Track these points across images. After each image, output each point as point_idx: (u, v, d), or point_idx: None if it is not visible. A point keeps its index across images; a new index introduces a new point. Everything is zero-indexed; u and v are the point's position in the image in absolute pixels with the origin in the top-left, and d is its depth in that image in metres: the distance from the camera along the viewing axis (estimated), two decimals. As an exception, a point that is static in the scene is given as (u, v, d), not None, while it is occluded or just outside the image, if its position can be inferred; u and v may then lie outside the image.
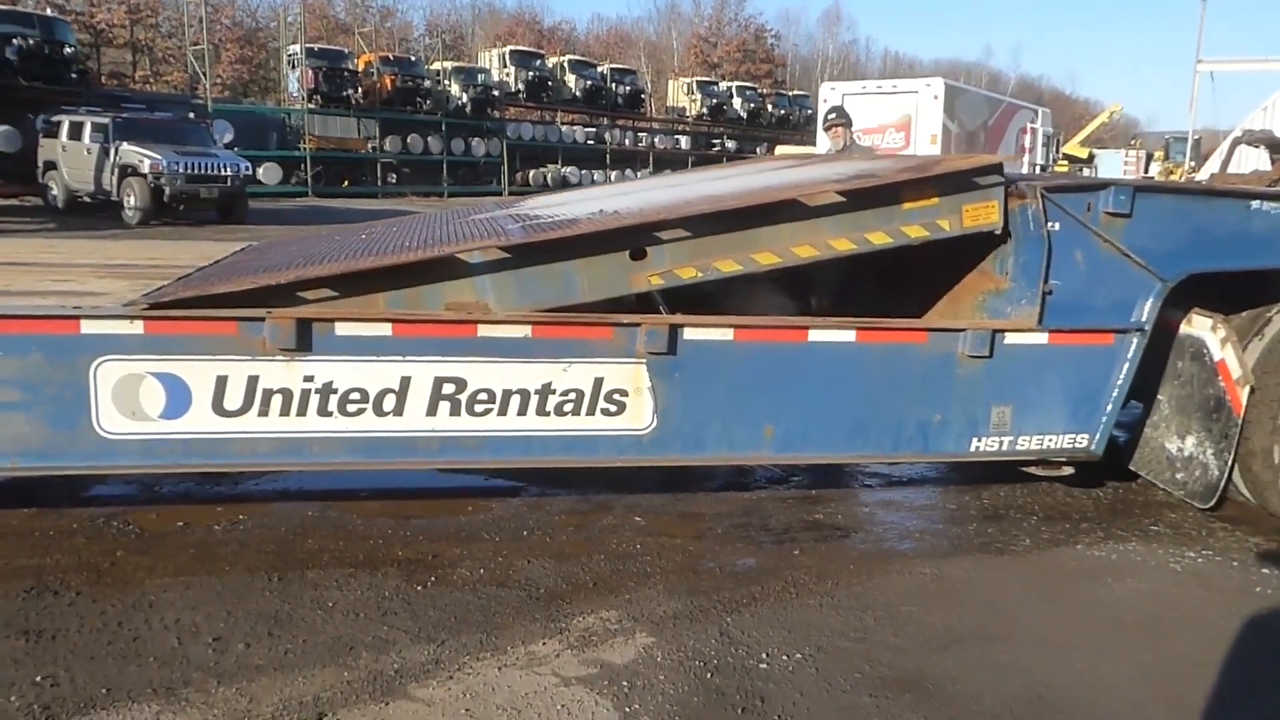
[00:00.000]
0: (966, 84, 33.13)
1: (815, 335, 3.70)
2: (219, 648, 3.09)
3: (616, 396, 3.58)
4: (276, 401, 3.34)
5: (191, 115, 26.87)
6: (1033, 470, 4.27)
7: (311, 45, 33.66)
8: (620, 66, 46.65)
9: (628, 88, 43.55)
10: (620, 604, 3.49)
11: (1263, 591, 3.76)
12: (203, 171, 18.05)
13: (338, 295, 3.42)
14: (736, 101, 48.13)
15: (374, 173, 33.57)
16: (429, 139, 34.40)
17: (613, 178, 40.19)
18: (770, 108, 49.84)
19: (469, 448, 3.53)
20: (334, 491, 4.51)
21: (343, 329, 3.34)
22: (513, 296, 3.50)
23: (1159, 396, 4.53)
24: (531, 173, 38.13)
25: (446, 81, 36.08)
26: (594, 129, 41.86)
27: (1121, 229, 3.89)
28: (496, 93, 37.11)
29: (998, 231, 3.84)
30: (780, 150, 27.15)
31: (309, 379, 3.35)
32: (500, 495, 4.59)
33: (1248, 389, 4.09)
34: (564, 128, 40.43)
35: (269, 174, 29.16)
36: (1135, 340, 3.98)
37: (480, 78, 37.11)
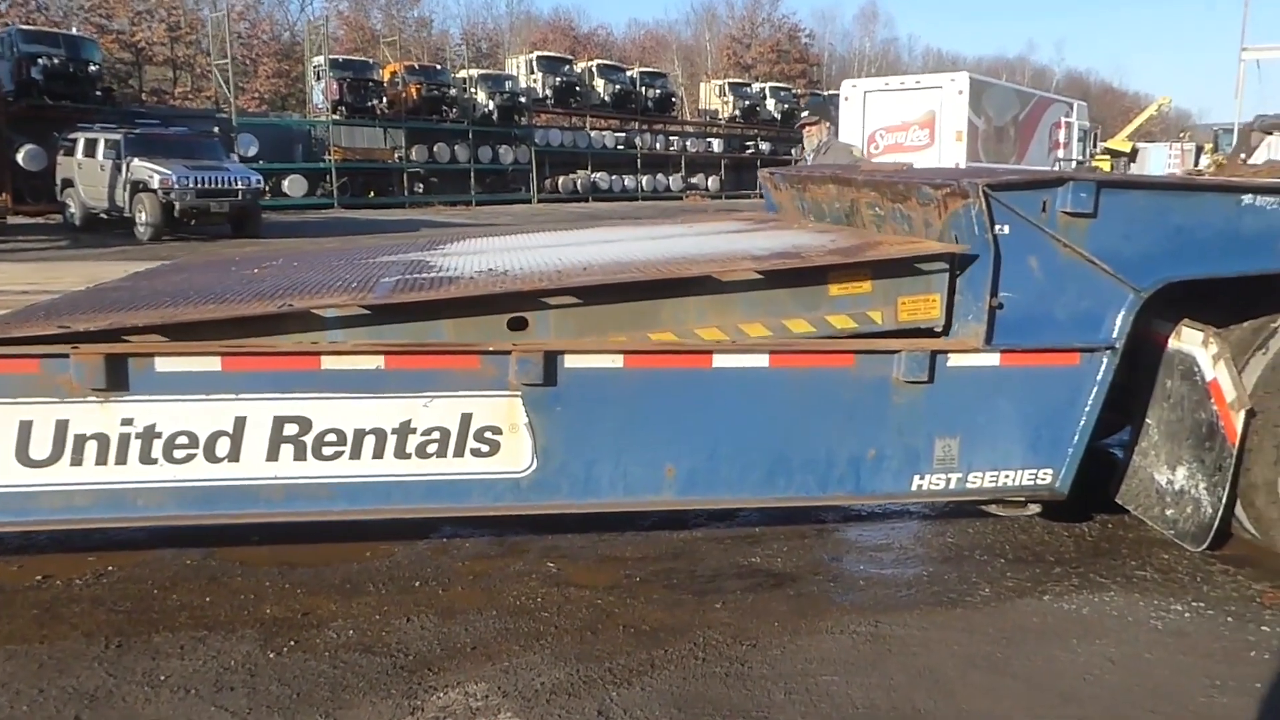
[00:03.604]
0: (1008, 80, 32.22)
1: (721, 360, 3.21)
2: (10, 736, 2.69)
3: (488, 435, 3.13)
4: (91, 448, 2.94)
5: (216, 130, 27.05)
6: (993, 510, 3.73)
7: (336, 56, 33.76)
8: (650, 70, 46.28)
9: (658, 91, 43.18)
10: (494, 674, 3.04)
11: (1257, 657, 3.19)
12: (214, 186, 17.96)
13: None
14: (770, 103, 47.50)
15: (400, 183, 33.55)
16: (456, 147, 34.30)
17: (643, 183, 39.85)
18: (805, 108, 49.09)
19: (319, 496, 3.10)
20: (227, 534, 4.11)
21: (164, 364, 2.93)
22: None
23: (1147, 420, 3.96)
24: (561, 179, 37.90)
25: (473, 89, 35.98)
26: (624, 134, 41.50)
27: (1085, 231, 3.35)
28: (524, 99, 36.92)
29: (938, 330, 3.46)
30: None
31: (127, 422, 2.94)
32: (407, 538, 4.15)
33: (1243, 414, 3.52)
34: (593, 133, 40.13)
35: (294, 186, 29.25)
36: (1105, 359, 3.44)
37: (507, 84, 36.96)
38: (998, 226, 3.30)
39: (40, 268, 7.49)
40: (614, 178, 39.56)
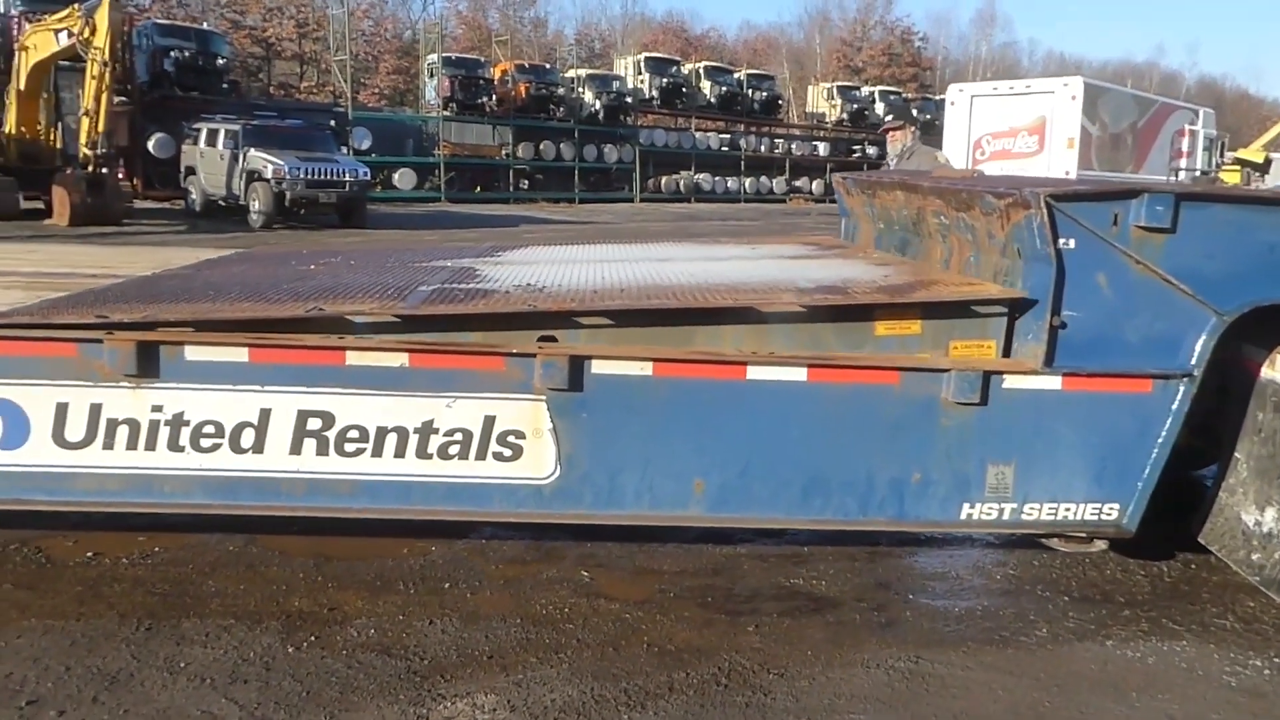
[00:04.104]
0: (1134, 86, 30.72)
1: (755, 373, 3.06)
2: (28, 714, 2.74)
3: (511, 439, 3.05)
4: (122, 433, 2.98)
5: (332, 123, 27.94)
6: (1054, 545, 3.47)
7: (449, 54, 34.47)
8: (758, 72, 45.88)
9: (765, 93, 42.79)
10: (506, 687, 2.96)
11: (1338, 724, 2.88)
12: (323, 177, 18.52)
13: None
14: (879, 106, 46.46)
15: (506, 179, 34.04)
16: (561, 145, 34.63)
17: (746, 185, 39.53)
18: (915, 112, 47.88)
19: (339, 492, 3.08)
20: (270, 523, 4.15)
21: (193, 353, 2.95)
22: None
23: (1236, 454, 3.63)
24: (664, 179, 37.89)
25: (581, 89, 36.27)
26: (729, 135, 41.22)
27: (1161, 248, 3.08)
28: (630, 99, 37.03)
29: None
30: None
31: (157, 409, 2.98)
32: (446, 536, 4.12)
33: (1339, 454, 3.18)
34: (698, 134, 39.98)
35: (404, 179, 29.99)
36: (1182, 388, 3.16)
37: (614, 84, 37.13)
38: (1062, 240, 3.06)
39: (143, 251, 7.77)
40: (717, 179, 39.33)
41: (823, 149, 44.71)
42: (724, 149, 40.40)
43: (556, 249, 5.10)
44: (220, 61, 26.80)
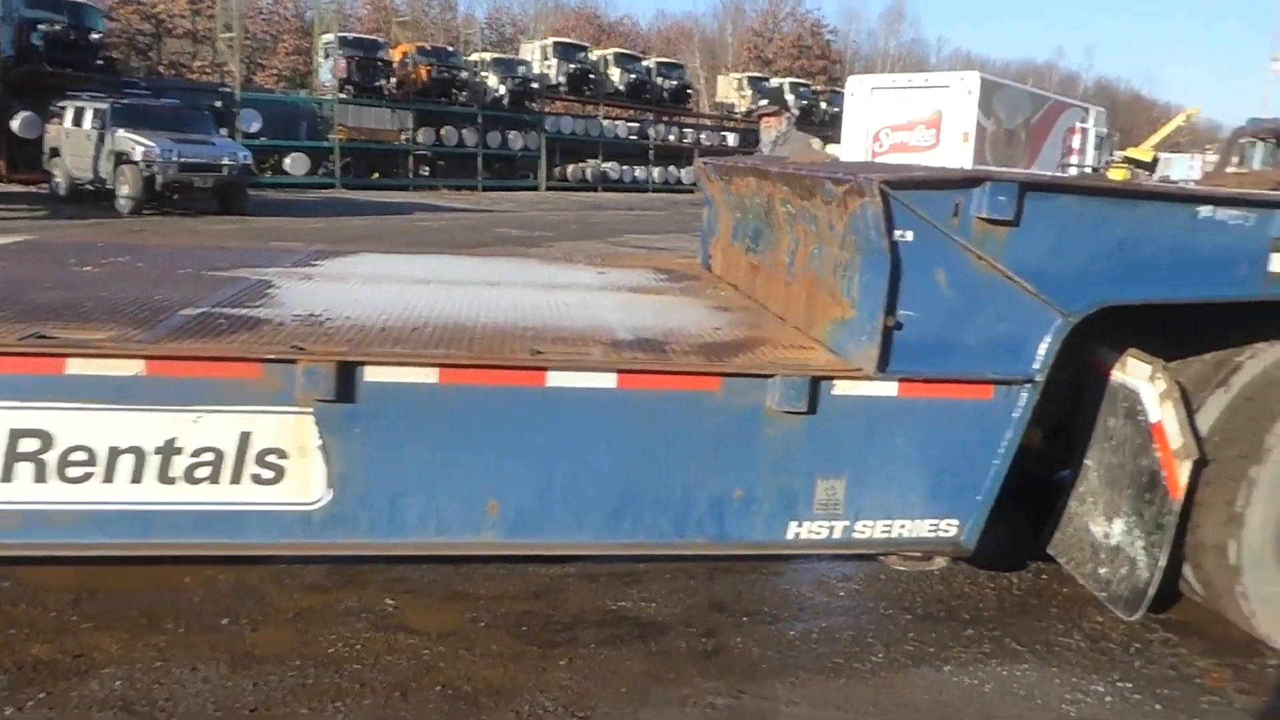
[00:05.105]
0: (1035, 86, 31.30)
1: (557, 379, 2.70)
2: None
3: (271, 458, 2.63)
4: None
5: (219, 104, 26.65)
6: (891, 563, 3.21)
7: (345, 34, 33.27)
8: (667, 60, 45.59)
9: (674, 82, 42.47)
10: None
11: (1183, 759, 2.66)
12: (198, 160, 17.53)
13: None
14: (789, 98, 46.59)
15: (406, 165, 33.02)
16: (464, 131, 33.72)
17: (655, 174, 39.23)
18: (824, 105, 48.22)
19: (64, 525, 2.61)
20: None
21: None
22: None
23: (1087, 461, 3.43)
24: (570, 167, 37.30)
25: (485, 73, 35.40)
26: (637, 124, 40.83)
27: (1004, 242, 2.81)
28: (536, 85, 36.31)
29: None
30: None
31: None
32: (240, 562, 3.65)
33: (1189, 464, 2.98)
34: (606, 122, 39.46)
35: (296, 164, 28.82)
36: (1025, 394, 2.90)
37: (520, 70, 36.35)
38: (898, 232, 2.76)
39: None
40: (625, 168, 38.86)
41: (732, 139, 44.59)
42: (632, 137, 39.94)
43: (384, 260, 4.66)
44: (95, 36, 25.17)
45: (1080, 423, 3.40)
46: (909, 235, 2.78)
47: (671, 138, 41.81)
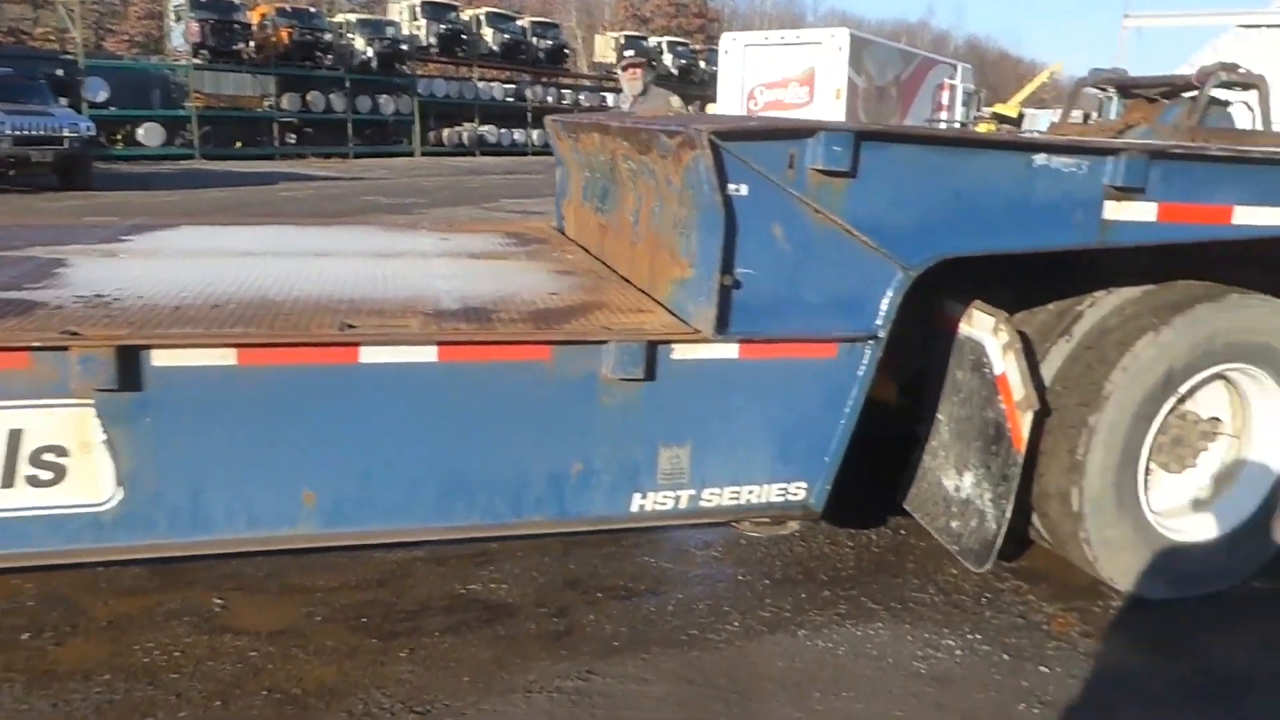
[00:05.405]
0: (909, 44, 31.81)
1: (371, 354, 2.49)
2: None
3: (50, 457, 2.36)
4: None
5: (59, 72, 24.91)
6: (744, 529, 3.13)
7: (196, -6, 31.40)
8: (542, 20, 44.79)
9: (550, 42, 41.74)
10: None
11: (1027, 710, 2.66)
12: (35, 132, 16.29)
13: None
14: (667, 58, 46.36)
15: (270, 133, 31.55)
16: (332, 96, 32.39)
17: (534, 137, 38.55)
18: (703, 64, 48.18)
19: None
20: None
21: None
22: None
23: (939, 415, 3.41)
24: (445, 131, 36.31)
25: (351, 35, 34.03)
26: (514, 86, 40.04)
27: (842, 194, 2.72)
28: (405, 47, 35.11)
29: None
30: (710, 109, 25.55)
31: None
32: (50, 567, 3.34)
33: (1030, 415, 2.97)
34: (480, 84, 38.53)
35: (150, 135, 27.24)
36: (868, 351, 2.84)
37: (388, 30, 35.08)
38: (731, 186, 2.64)
39: None
40: (503, 131, 38.08)
41: (611, 99, 44.13)
42: (509, 100, 39.12)
43: (205, 232, 4.31)
44: (-85, -2, 23.16)
45: (932, 377, 3.38)
46: (743, 189, 2.66)
47: (550, 99, 41.10)
